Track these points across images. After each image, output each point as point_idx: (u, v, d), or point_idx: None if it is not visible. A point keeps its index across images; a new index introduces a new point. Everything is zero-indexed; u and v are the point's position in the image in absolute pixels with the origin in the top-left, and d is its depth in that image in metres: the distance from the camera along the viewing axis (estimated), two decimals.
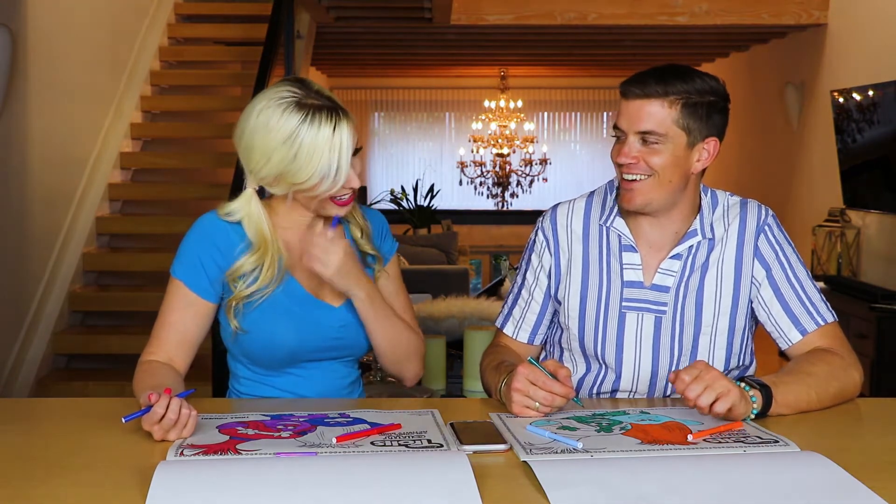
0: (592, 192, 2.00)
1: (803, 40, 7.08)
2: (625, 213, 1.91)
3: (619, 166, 1.85)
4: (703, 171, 1.88)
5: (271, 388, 1.87)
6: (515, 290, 2.03)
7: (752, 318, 1.92)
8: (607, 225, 1.92)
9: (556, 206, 2.02)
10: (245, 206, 1.81)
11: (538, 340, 2.02)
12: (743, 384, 1.64)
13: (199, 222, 1.84)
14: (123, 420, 1.54)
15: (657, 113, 1.81)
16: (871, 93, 5.48)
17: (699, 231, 1.88)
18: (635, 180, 1.83)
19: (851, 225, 5.96)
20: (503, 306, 2.05)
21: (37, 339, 4.92)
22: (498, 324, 2.05)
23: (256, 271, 1.79)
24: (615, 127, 1.87)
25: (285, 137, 1.71)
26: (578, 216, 1.96)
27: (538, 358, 1.91)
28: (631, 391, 1.91)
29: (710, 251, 1.89)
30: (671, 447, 1.48)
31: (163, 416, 1.49)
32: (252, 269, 1.79)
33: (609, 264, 1.91)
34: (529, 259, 2.01)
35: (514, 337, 2.01)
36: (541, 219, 2.02)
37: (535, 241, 2.00)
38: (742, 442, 1.50)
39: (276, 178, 1.75)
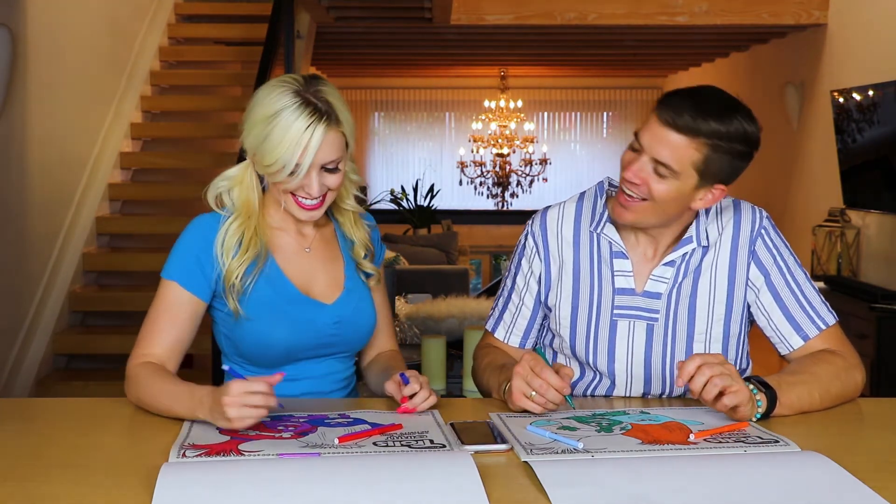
0: (583, 195, 1.96)
1: (803, 40, 7.08)
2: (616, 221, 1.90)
3: (623, 176, 1.79)
4: None
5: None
6: (505, 293, 2.00)
7: (748, 321, 1.90)
8: (598, 232, 1.89)
9: (545, 210, 1.97)
10: (241, 173, 1.84)
11: (529, 344, 2.00)
12: (750, 386, 1.64)
13: (196, 221, 1.85)
14: (226, 369, 1.67)
15: (679, 149, 1.70)
16: (871, 93, 5.48)
17: (695, 238, 1.85)
18: (633, 197, 1.76)
19: (851, 225, 5.96)
20: (493, 309, 2.03)
21: (37, 339, 4.92)
22: (489, 327, 2.03)
23: (239, 238, 1.80)
24: (636, 135, 1.76)
25: (267, 116, 1.73)
26: (569, 222, 1.93)
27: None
28: (625, 398, 1.90)
29: (703, 256, 1.86)
30: (672, 447, 1.48)
31: (262, 395, 1.50)
32: (236, 238, 1.80)
33: (600, 271, 1.88)
34: (519, 263, 1.98)
35: (505, 341, 2.00)
36: (530, 222, 1.98)
37: (524, 245, 1.97)
38: (742, 442, 1.50)
39: (252, 154, 1.79)
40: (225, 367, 1.76)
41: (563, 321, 1.90)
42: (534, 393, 1.64)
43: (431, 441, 1.50)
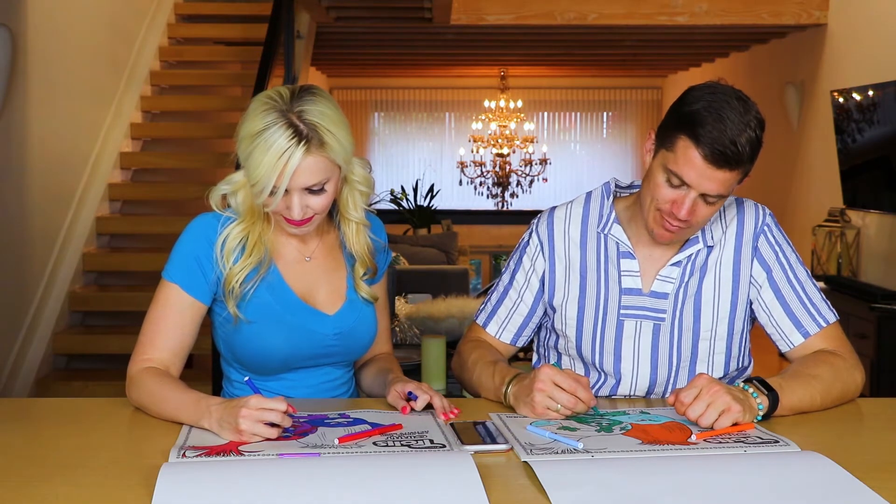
0: (589, 196, 1.95)
1: (803, 40, 7.08)
2: (623, 220, 1.90)
3: (665, 209, 1.75)
4: None
5: (264, 392, 1.86)
6: (502, 288, 1.98)
7: (750, 319, 1.90)
8: (605, 232, 1.89)
9: (552, 210, 1.97)
10: (245, 178, 1.77)
11: (521, 343, 1.99)
12: (751, 389, 1.63)
13: (196, 221, 1.82)
14: (246, 380, 1.68)
15: (728, 180, 1.71)
16: (871, 93, 5.48)
17: (701, 239, 1.86)
18: (678, 226, 1.76)
19: (851, 225, 5.97)
20: (485, 303, 2.01)
21: (37, 339, 4.92)
22: (479, 321, 2.00)
23: (241, 243, 1.78)
24: (674, 174, 1.71)
25: (252, 134, 1.69)
26: (576, 223, 1.93)
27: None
28: (628, 398, 1.89)
29: (708, 254, 1.87)
30: (672, 447, 1.48)
31: (281, 413, 1.50)
32: (238, 242, 1.78)
33: (607, 271, 1.88)
34: (520, 260, 1.97)
35: (496, 336, 1.98)
36: (536, 221, 1.97)
37: (528, 242, 1.96)
38: (742, 442, 1.50)
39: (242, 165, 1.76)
40: (245, 378, 1.75)
41: (570, 321, 1.90)
42: (560, 406, 1.63)
43: (431, 441, 1.50)
